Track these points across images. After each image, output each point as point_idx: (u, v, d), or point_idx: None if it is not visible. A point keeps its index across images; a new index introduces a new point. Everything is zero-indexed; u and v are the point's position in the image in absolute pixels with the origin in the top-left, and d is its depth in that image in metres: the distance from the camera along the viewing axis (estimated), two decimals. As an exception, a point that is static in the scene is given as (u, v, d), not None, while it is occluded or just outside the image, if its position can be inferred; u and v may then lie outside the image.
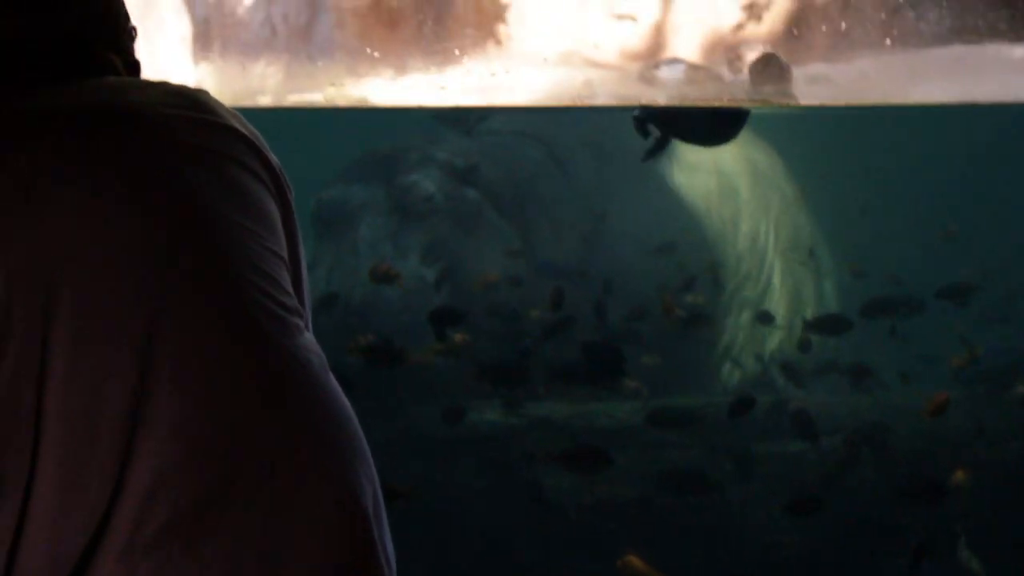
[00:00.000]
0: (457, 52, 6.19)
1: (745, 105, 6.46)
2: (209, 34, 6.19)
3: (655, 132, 6.59)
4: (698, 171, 11.39)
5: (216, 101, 2.47)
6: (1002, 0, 5.93)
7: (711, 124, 6.36)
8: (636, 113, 6.56)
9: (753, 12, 6.24)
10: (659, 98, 6.86)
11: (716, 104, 6.58)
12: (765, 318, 10.68)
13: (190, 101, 2.41)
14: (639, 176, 11.34)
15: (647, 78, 6.82)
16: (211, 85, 6.21)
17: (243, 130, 2.44)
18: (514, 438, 9.49)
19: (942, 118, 9.47)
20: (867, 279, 10.74)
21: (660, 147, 6.28)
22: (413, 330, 10.26)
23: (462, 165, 11.27)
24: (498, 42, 6.24)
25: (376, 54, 6.19)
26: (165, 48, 6.21)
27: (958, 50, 6.12)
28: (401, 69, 6.22)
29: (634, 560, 7.44)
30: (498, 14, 6.20)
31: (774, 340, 11.25)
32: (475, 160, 11.23)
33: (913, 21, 6.04)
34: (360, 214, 11.14)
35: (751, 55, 6.57)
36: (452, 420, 9.44)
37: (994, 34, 6.05)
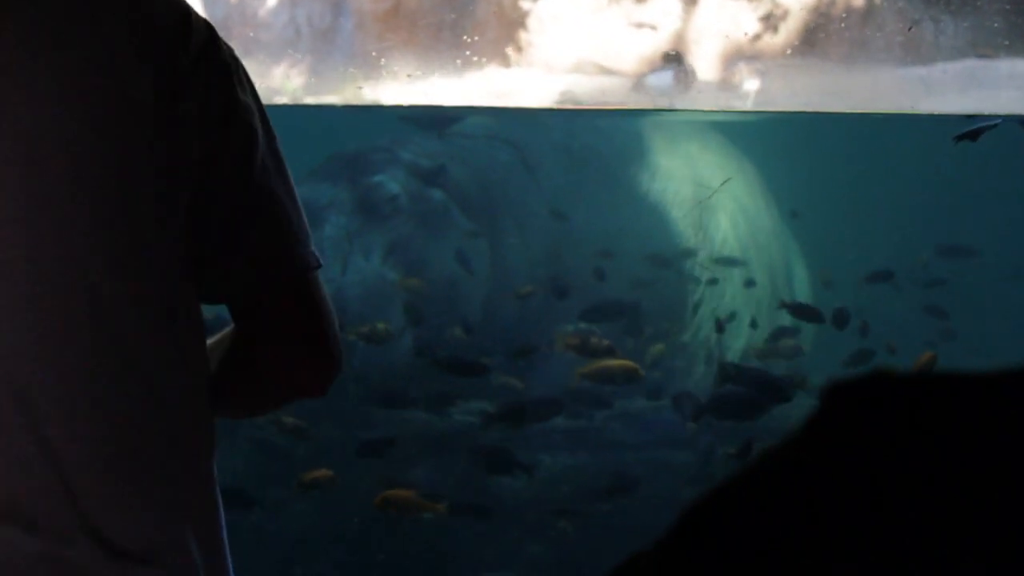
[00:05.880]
0: (476, 57, 6.19)
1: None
2: (228, 34, 6.12)
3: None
4: (671, 179, 11.44)
5: None
6: (1019, 16, 6.02)
7: None
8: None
9: (770, 23, 6.29)
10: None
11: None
12: (721, 326, 10.66)
13: None
14: (610, 181, 11.39)
15: (640, 86, 6.86)
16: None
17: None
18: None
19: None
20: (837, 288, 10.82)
21: None
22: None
23: (428, 166, 11.25)
24: (518, 48, 6.25)
25: (395, 58, 6.18)
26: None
27: (972, 64, 6.21)
28: (420, 73, 6.21)
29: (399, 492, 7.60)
30: (519, 20, 6.20)
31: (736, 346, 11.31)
32: (442, 161, 11.22)
33: (932, 35, 6.12)
34: (325, 214, 11.08)
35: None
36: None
37: (1010, 49, 6.14)
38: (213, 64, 1.81)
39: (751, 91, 6.75)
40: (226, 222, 1.86)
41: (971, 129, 5.74)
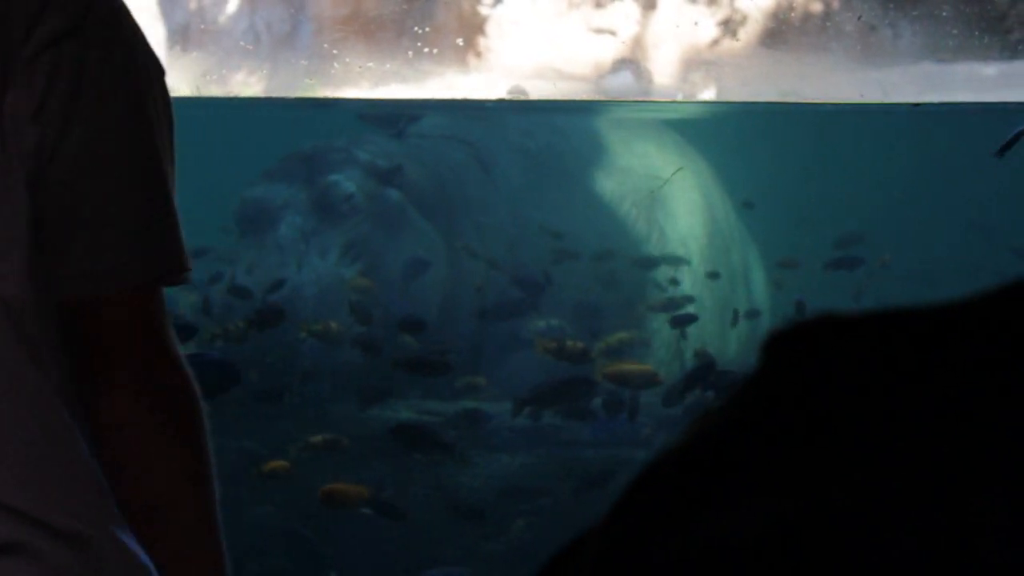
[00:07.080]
0: (436, 64, 6.19)
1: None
2: (187, 40, 6.11)
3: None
4: (629, 175, 11.45)
5: None
6: (976, 21, 6.07)
7: None
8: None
9: (729, 28, 6.32)
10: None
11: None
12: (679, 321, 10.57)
13: None
14: (565, 180, 11.39)
15: (598, 87, 6.89)
16: (186, 91, 6.14)
17: None
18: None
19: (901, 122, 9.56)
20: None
21: None
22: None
23: (385, 166, 11.24)
24: (477, 53, 6.25)
25: (354, 63, 6.17)
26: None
27: (928, 67, 6.26)
28: (380, 79, 6.20)
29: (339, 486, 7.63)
30: (479, 25, 6.21)
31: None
32: (398, 161, 11.21)
33: (889, 40, 6.17)
34: (281, 213, 11.07)
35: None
36: None
37: (967, 53, 6.19)
38: (63, 53, 1.65)
39: (707, 91, 6.79)
40: (57, 226, 1.70)
41: (1009, 139, 5.31)
